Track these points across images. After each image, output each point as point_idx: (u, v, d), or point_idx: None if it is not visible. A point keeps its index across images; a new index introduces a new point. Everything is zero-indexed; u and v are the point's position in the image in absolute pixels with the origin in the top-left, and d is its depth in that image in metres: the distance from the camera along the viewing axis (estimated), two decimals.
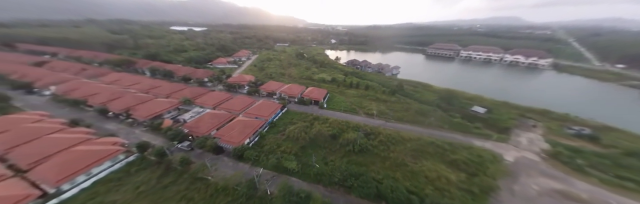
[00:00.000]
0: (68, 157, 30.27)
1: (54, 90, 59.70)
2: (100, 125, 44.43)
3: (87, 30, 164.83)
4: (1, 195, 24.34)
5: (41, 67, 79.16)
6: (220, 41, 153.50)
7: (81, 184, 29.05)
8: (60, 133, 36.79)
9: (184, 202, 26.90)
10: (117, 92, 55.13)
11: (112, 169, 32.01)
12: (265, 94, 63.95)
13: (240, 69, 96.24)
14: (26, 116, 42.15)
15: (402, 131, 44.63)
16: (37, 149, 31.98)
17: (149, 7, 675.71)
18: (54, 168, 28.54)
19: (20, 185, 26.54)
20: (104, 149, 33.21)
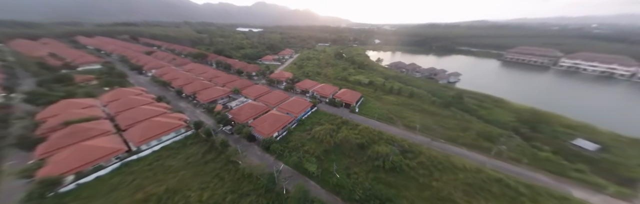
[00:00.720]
0: (150, 124, 36.68)
1: (153, 73, 75.13)
2: (175, 103, 53.27)
3: (182, 30, 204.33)
4: (105, 146, 31.18)
5: (149, 55, 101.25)
6: (270, 41, 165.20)
7: (153, 147, 34.75)
8: (149, 105, 45.43)
9: (217, 179, 28.71)
10: (190, 79, 65.15)
11: (175, 139, 37.30)
12: (299, 92, 64.00)
13: (282, 66, 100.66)
14: (132, 89, 53.99)
15: (455, 155, 34.75)
16: (133, 115, 40.19)
17: (224, 12, 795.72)
18: (139, 131, 35.00)
19: (117, 140, 33.58)
20: (173, 122, 39.04)
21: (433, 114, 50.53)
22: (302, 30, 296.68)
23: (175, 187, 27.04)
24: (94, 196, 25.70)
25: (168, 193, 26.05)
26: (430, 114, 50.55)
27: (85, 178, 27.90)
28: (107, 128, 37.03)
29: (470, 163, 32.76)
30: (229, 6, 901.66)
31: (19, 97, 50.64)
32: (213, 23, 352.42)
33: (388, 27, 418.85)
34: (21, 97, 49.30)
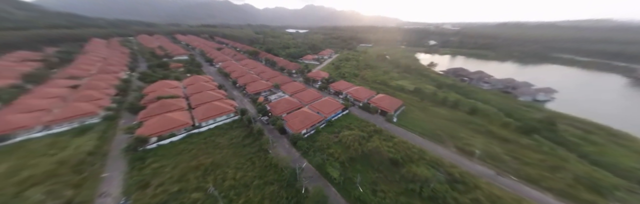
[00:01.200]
0: (210, 106, 42.99)
1: (219, 65, 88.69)
2: (231, 91, 61.18)
3: (244, 31, 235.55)
4: (179, 118, 38.38)
5: (219, 51, 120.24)
6: (312, 41, 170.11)
7: (210, 125, 40.51)
8: (213, 91, 53.45)
9: (250, 163, 30.84)
10: (243, 72, 73.67)
11: (225, 121, 42.63)
12: (332, 92, 62.32)
13: (320, 65, 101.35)
14: (204, 77, 65.18)
15: (532, 202, 25.24)
16: (201, 97, 48.14)
17: (278, 15, 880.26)
18: (202, 110, 41.47)
19: (188, 116, 40.70)
20: (226, 107, 44.69)
21: (504, 140, 38.00)
22: (345, 30, 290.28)
23: (219, 162, 30.53)
24: (165, 156, 31.84)
25: (212, 166, 29.64)
26: (500, 139, 38.20)
27: (163, 141, 34.79)
28: (183, 105, 45.57)
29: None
30: (282, 10, 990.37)
31: (136, 75, 68.28)
32: (268, 25, 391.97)
33: (449, 27, 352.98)
34: (137, 76, 66.50)
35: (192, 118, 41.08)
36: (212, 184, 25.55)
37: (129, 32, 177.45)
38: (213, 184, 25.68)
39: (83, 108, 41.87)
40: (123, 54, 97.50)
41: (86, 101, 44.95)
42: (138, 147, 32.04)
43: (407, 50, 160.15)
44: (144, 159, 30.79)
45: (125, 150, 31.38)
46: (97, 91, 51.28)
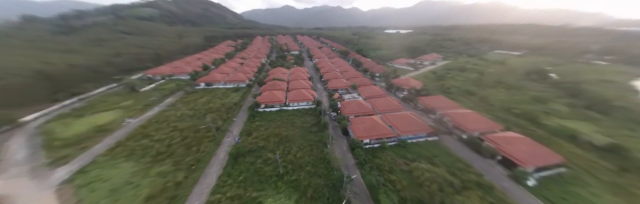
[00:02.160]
0: (298, 92, 52.63)
1: (315, 61, 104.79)
2: (316, 84, 70.89)
3: (342, 32, 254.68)
4: (278, 96, 50.78)
5: (319, 49, 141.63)
6: (413, 43, 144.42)
7: (294, 107, 50.10)
8: (304, 81, 65.21)
9: (309, 148, 33.69)
10: (330, 69, 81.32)
11: (304, 107, 50.62)
12: (420, 108, 49.43)
13: (414, 72, 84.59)
14: (302, 69, 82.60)
15: None
16: (296, 84, 60.94)
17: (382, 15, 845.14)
18: (293, 93, 51.95)
19: (284, 95, 52.81)
20: (308, 95, 52.34)
21: None
22: (469, 30, 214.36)
23: (290, 137, 36.79)
24: (265, 119, 44.04)
25: (283, 140, 36.23)
26: None
27: (266, 109, 48.66)
28: (284, 87, 59.91)
29: None
30: (387, 10, 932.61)
31: (268, 61, 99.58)
32: (366, 26, 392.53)
33: None
34: (268, 62, 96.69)
35: (286, 98, 53.01)
36: (279, 153, 31.82)
37: (273, 33, 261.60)
38: (280, 153, 31.94)
39: (241, 76, 69.03)
40: (267, 47, 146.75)
41: (242, 73, 73.51)
42: (254, 108, 47.34)
43: (609, 69, 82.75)
44: (254, 117, 44.90)
45: (248, 107, 47.67)
46: (249, 67, 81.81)
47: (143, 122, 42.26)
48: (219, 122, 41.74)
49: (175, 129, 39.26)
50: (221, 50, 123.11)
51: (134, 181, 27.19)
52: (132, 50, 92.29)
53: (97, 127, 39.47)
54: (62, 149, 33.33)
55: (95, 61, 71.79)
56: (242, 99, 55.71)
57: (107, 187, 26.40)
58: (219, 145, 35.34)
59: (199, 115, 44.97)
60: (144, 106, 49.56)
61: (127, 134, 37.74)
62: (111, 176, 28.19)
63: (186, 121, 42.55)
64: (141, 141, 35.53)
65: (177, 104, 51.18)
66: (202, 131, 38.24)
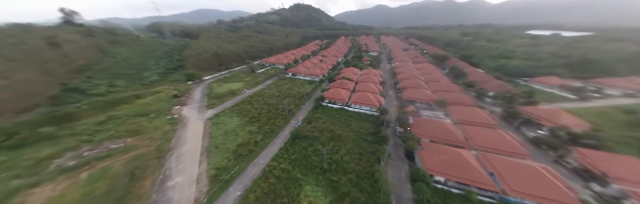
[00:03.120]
0: (363, 95, 50.10)
1: (394, 65, 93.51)
2: (387, 90, 64.67)
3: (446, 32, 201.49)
4: (342, 95, 51.24)
5: (404, 52, 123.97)
6: (590, 55, 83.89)
7: (355, 109, 48.91)
8: (373, 84, 60.60)
9: (358, 156, 32.04)
10: (411, 76, 68.90)
11: (365, 111, 48.01)
12: (573, 167, 29.23)
13: (577, 103, 51.52)
14: (376, 71, 76.57)
15: None
16: (363, 86, 58.13)
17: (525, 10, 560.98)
18: (357, 96, 50.25)
19: (348, 95, 52.47)
20: (373, 101, 48.68)
21: None
22: None
23: (340, 138, 36.71)
24: (325, 113, 47.16)
25: (335, 138, 36.81)
26: None
27: (330, 104, 51.54)
28: (350, 87, 59.62)
29: None
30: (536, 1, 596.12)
31: (344, 61, 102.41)
32: (493, 25, 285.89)
33: None
34: (344, 61, 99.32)
35: (349, 98, 52.72)
36: (327, 149, 32.91)
37: (357, 33, 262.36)
38: (327, 149, 33.01)
39: (317, 72, 77.21)
40: (347, 47, 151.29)
41: (319, 69, 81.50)
42: (320, 101, 51.71)
43: None
44: (317, 109, 49.42)
45: (315, 99, 52.81)
46: (325, 65, 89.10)
47: (251, 94, 59.77)
48: (291, 106, 50.05)
49: (266, 103, 51.99)
50: (310, 48, 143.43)
51: (236, 131, 39.76)
52: (259, 44, 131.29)
53: (231, 91, 61.16)
54: (213, 100, 55.30)
55: (240, 50, 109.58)
56: (313, 91, 62.61)
57: (223, 129, 40.78)
58: (287, 124, 42.66)
59: (282, 97, 56.26)
60: (255, 83, 69.73)
61: (242, 99, 55.34)
62: (227, 123, 43.05)
63: (273, 99, 54.96)
64: (247, 106, 50.73)
65: (272, 86, 67.11)
66: (280, 109, 47.76)
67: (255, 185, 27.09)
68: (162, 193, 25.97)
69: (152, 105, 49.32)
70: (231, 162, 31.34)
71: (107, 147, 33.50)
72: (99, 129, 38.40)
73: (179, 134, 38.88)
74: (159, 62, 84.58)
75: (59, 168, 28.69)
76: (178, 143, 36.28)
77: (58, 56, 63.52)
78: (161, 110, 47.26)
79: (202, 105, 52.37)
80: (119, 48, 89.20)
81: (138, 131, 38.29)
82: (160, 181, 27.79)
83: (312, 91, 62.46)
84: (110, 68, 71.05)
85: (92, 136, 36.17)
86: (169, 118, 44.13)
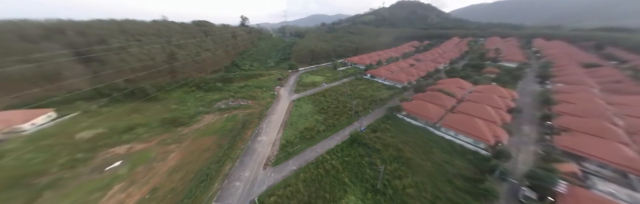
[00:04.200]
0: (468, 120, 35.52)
1: (554, 86, 56.59)
2: (522, 123, 41.35)
3: None
4: (431, 111, 40.02)
5: (585, 69, 71.47)
6: None
7: (447, 134, 36.69)
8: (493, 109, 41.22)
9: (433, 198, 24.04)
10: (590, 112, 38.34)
11: (464, 144, 34.64)
12: None
13: None
14: (505, 91, 51.44)
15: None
16: (472, 108, 41.33)
17: None
18: (455, 117, 36.36)
19: (439, 114, 39.82)
20: (485, 132, 33.33)
21: None
22: None
23: (409, 164, 29.48)
24: (398, 127, 40.06)
25: (401, 160, 30.04)
26: None
27: (407, 119, 42.68)
28: (447, 104, 44.82)
29: None
30: None
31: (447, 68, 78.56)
32: None
33: None
34: (447, 69, 76.13)
35: (440, 118, 39.82)
36: (386, 169, 27.45)
37: (484, 33, 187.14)
38: (388, 170, 27.51)
39: (401, 77, 65.87)
40: (458, 51, 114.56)
41: (406, 74, 68.98)
42: (394, 111, 44.31)
43: None
44: (388, 119, 43.11)
45: (388, 108, 46.03)
46: (416, 70, 73.73)
47: (328, 87, 64.94)
48: (359, 108, 47.67)
49: (337, 99, 54.06)
50: (401, 50, 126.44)
51: (307, 116, 45.30)
52: (347, 44, 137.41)
53: (313, 82, 70.44)
54: (300, 86, 66.54)
55: (330, 48, 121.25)
56: (389, 97, 55.38)
57: (299, 111, 48.04)
58: (349, 124, 41.76)
59: (352, 96, 55.40)
60: (333, 79, 74.82)
61: (319, 91, 61.85)
62: (303, 108, 50.15)
63: (344, 96, 55.76)
64: (320, 97, 55.91)
65: (346, 84, 68.24)
66: (347, 108, 47.34)
67: (307, 168, 29.56)
68: (253, 143, 36.28)
69: (266, 82, 69.12)
70: (296, 139, 36.54)
71: (238, 102, 52.22)
72: (238, 90, 60.66)
73: (273, 106, 51.60)
74: (277, 53, 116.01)
75: (217, 108, 49.28)
76: (271, 112, 48.29)
77: (234, 43, 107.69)
78: (269, 86, 64.97)
79: (292, 89, 65.11)
80: (260, 42, 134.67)
81: (254, 97, 55.79)
82: (254, 134, 38.74)
83: (388, 97, 55.57)
84: (253, 54, 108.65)
85: (235, 93, 58.06)
86: (271, 93, 59.70)
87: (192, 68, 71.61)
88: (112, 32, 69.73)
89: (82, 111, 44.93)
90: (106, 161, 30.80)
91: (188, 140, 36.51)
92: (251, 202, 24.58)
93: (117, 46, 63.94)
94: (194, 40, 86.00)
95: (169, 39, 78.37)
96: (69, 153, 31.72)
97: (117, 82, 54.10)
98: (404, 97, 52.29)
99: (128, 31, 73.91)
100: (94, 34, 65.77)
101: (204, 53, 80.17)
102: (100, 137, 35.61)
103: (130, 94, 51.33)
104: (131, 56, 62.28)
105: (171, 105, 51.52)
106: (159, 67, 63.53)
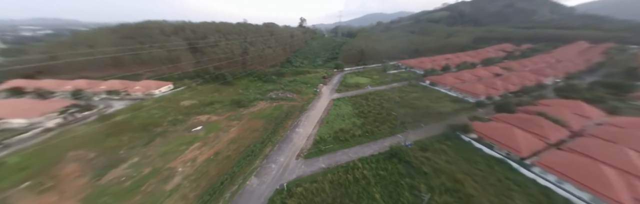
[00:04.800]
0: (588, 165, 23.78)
1: None
2: None
3: None
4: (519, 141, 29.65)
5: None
6: None
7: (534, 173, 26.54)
8: None
9: None
10: None
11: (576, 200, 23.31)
12: None
13: None
14: None
15: None
16: (596, 147, 27.51)
17: None
18: (563, 156, 25.21)
19: (532, 144, 29.06)
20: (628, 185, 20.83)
21: None
22: None
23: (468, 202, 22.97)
24: (458, 150, 32.73)
25: (456, 193, 24.00)
26: None
27: (480, 144, 33.86)
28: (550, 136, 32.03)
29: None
30: None
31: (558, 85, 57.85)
32: None
33: None
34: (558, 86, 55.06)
35: (535, 153, 29.03)
36: (432, 196, 22.63)
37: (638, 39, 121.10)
38: (432, 197, 22.67)
39: (478, 89, 52.34)
40: (583, 62, 79.54)
41: (486, 86, 54.27)
42: (459, 130, 35.85)
43: None
44: (449, 140, 34.78)
45: (451, 126, 37.08)
46: (503, 82, 56.54)
47: (372, 90, 61.27)
48: (408, 119, 41.74)
49: (380, 104, 49.92)
50: (482, 54, 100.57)
51: (344, 117, 44.36)
52: (403, 44, 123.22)
53: (357, 84, 68.28)
54: (342, 86, 66.09)
55: (382, 49, 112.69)
56: (453, 112, 45.33)
57: (338, 111, 47.75)
58: (391, 135, 37.37)
59: (401, 104, 49.48)
60: (381, 82, 69.68)
61: (362, 93, 59.33)
62: (342, 108, 49.50)
63: (390, 103, 50.74)
64: (362, 100, 53.33)
65: (396, 89, 61.60)
66: (392, 117, 42.71)
67: (336, 169, 28.87)
68: (291, 133, 39.24)
69: (311, 79, 73.01)
70: (330, 138, 36.49)
71: (286, 95, 57.78)
72: (288, 84, 67.08)
73: (314, 102, 53.89)
74: (326, 53, 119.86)
75: (269, 97, 56.31)
76: (311, 107, 50.62)
77: (291, 42, 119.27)
78: (313, 83, 68.29)
79: (334, 88, 65.68)
80: (313, 41, 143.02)
81: (299, 91, 60.16)
82: (293, 125, 41.77)
83: (451, 111, 45.71)
84: (305, 52, 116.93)
85: (284, 86, 64.63)
86: (314, 90, 62.56)
87: (257, 62, 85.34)
88: (211, 31, 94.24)
89: (187, 86, 62.87)
90: (193, 125, 41.49)
91: (245, 119, 43.75)
92: (280, 185, 26.53)
93: (213, 41, 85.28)
94: (261, 39, 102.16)
95: (245, 37, 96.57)
96: (175, 114, 44.82)
97: (208, 67, 71.98)
98: (478, 115, 41.38)
99: (221, 30, 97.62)
100: (200, 32, 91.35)
101: (267, 50, 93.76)
102: (193, 107, 48.32)
103: (215, 78, 66.99)
104: (220, 49, 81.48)
105: (239, 89, 63.71)
106: (235, 59, 79.70)
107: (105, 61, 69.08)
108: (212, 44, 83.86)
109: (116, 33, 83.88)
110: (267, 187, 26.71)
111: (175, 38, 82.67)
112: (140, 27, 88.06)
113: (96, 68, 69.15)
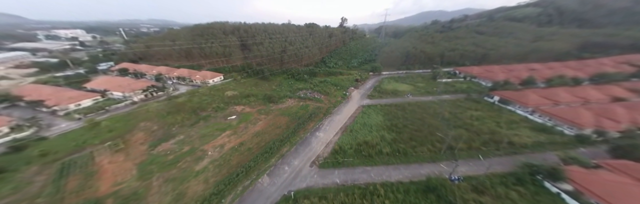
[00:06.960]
0: None
1: None
2: None
3: None
4: None
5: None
6: None
7: None
8: None
9: None
10: None
11: None
12: None
13: None
14: None
15: None
16: None
17: None
18: None
19: None
20: None
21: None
22: None
23: None
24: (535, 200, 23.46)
25: None
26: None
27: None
28: None
29: None
30: None
31: None
32: None
33: None
34: None
35: None
36: None
37: None
38: None
39: (581, 116, 37.10)
40: None
41: (593, 113, 37.81)
42: (541, 175, 25.60)
43: None
44: (521, 182, 25.66)
45: (527, 164, 27.02)
46: (629, 111, 38.07)
47: (411, 101, 53.29)
48: (459, 144, 32.84)
49: (422, 119, 42.16)
50: (592, 67, 70.84)
51: (372, 129, 39.58)
52: (467, 47, 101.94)
53: (394, 91, 61.09)
54: (376, 92, 60.55)
55: (435, 52, 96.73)
56: (535, 146, 33.00)
57: (365, 119, 43.51)
58: (431, 162, 30.49)
59: (452, 124, 40.18)
60: (426, 91, 59.91)
61: (399, 102, 52.48)
62: (371, 117, 44.82)
63: (436, 119, 42.21)
64: (397, 111, 46.85)
65: (446, 103, 50.83)
66: (436, 137, 34.97)
67: (351, 190, 25.49)
68: (311, 136, 38.26)
69: (343, 81, 70.42)
70: (350, 150, 32.98)
71: (314, 95, 57.53)
72: (318, 84, 66.92)
73: (340, 106, 51.39)
74: (364, 54, 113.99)
75: (298, 95, 57.27)
76: (337, 111, 48.32)
77: (328, 42, 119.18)
78: (344, 86, 65.54)
79: (366, 93, 60.94)
80: (351, 42, 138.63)
81: (328, 93, 58.78)
82: (315, 128, 40.58)
83: (531, 144, 33.40)
84: (341, 53, 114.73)
85: (314, 86, 64.66)
86: (343, 93, 59.80)
87: (293, 60, 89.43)
88: (259, 31, 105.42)
89: (233, 79, 71.88)
90: (230, 113, 46.41)
91: (272, 115, 45.78)
92: (289, 192, 25.55)
93: (259, 40, 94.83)
94: (300, 38, 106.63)
95: (286, 37, 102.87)
96: (219, 102, 51.43)
97: (251, 63, 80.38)
98: (578, 156, 28.44)
99: (267, 31, 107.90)
100: (251, 32, 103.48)
101: (304, 49, 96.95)
102: (234, 97, 54.43)
103: (255, 73, 73.94)
104: (263, 47, 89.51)
105: (273, 86, 68.20)
106: (275, 56, 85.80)
107: (181, 53, 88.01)
108: (258, 43, 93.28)
109: (192, 31, 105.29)
110: (276, 189, 26.34)
111: (231, 36, 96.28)
112: (208, 27, 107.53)
113: (175, 58, 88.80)
